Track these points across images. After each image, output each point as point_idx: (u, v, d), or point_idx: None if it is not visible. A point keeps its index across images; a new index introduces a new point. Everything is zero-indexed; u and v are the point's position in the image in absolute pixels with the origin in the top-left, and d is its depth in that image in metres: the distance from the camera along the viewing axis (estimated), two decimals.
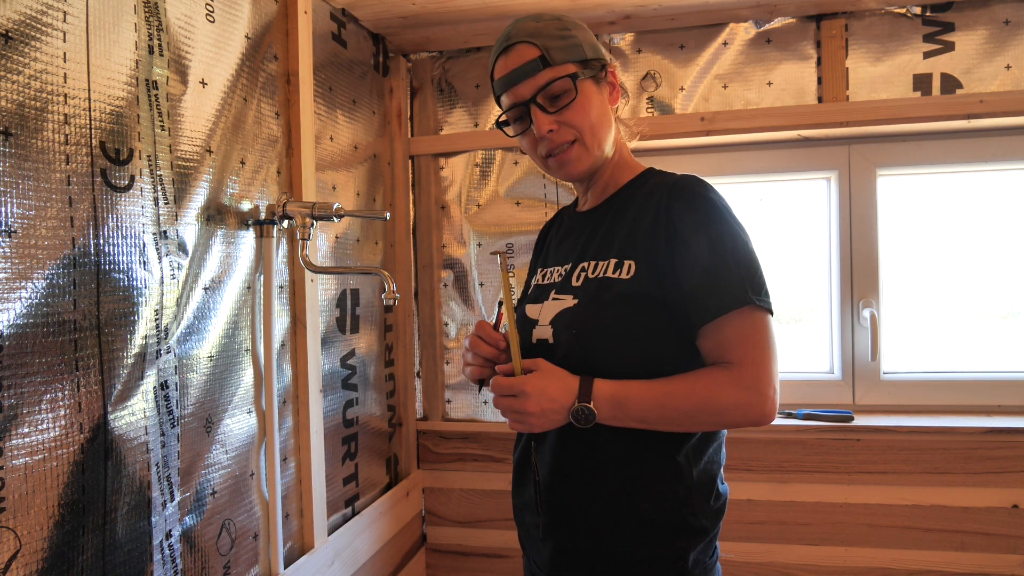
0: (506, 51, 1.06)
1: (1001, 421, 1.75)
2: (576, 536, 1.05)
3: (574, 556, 1.05)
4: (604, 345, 1.02)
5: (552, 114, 1.04)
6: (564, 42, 1.04)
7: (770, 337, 0.98)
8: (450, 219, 2.08)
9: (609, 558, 1.02)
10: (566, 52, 1.04)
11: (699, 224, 0.99)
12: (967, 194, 1.94)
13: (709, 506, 1.02)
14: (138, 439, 1.04)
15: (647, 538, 1.00)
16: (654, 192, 1.05)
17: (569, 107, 1.04)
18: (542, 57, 1.03)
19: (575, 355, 1.03)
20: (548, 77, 1.03)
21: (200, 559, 1.18)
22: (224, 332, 1.25)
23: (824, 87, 1.83)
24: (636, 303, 1.00)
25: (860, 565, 1.80)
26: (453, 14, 1.78)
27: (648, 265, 1.00)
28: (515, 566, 2.01)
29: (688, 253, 0.98)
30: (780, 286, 2.07)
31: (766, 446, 1.84)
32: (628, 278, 1.01)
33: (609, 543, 1.02)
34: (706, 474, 1.03)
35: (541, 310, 1.11)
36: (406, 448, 2.03)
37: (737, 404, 0.95)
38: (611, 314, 1.01)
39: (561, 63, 1.04)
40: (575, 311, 1.05)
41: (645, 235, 1.02)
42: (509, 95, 1.06)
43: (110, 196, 1.00)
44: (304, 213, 1.36)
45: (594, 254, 1.08)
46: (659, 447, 1.00)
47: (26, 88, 0.88)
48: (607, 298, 1.01)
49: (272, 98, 1.42)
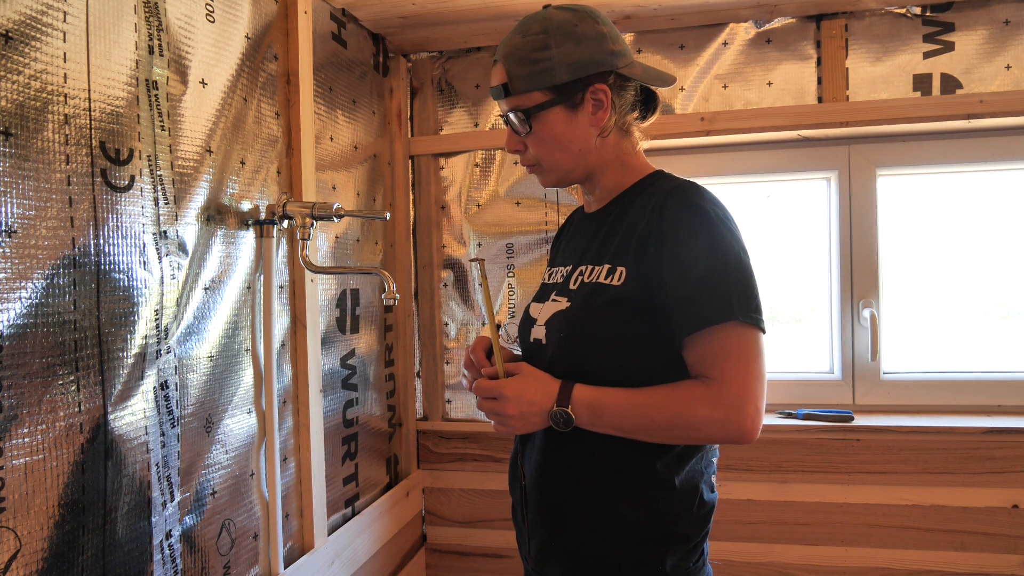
0: (495, 64, 1.09)
1: (1001, 421, 1.75)
2: (559, 535, 1.06)
3: (556, 554, 1.07)
4: (591, 349, 1.02)
5: (523, 136, 1.08)
6: (534, 67, 1.02)
7: (755, 354, 0.95)
8: (450, 219, 2.08)
9: (589, 559, 1.04)
10: (530, 80, 1.02)
11: (690, 234, 0.97)
12: (967, 194, 1.94)
13: (691, 513, 1.01)
14: (138, 439, 1.04)
15: (625, 542, 1.01)
16: (651, 198, 1.04)
17: (531, 135, 1.07)
18: (506, 85, 1.05)
19: (563, 357, 1.05)
20: (507, 107, 1.07)
21: (200, 559, 1.19)
22: (224, 332, 1.25)
23: (824, 87, 1.83)
24: (625, 309, 1.00)
25: (860, 565, 1.80)
26: (453, 14, 1.78)
27: (638, 272, 1.00)
28: (515, 566, 2.01)
29: (677, 263, 0.96)
30: (780, 286, 2.07)
31: (766, 446, 1.84)
32: (619, 284, 1.01)
33: (589, 544, 1.03)
34: (688, 482, 1.02)
35: (541, 310, 1.13)
36: (406, 448, 2.03)
37: (712, 421, 0.94)
38: (600, 319, 1.01)
39: (521, 92, 1.03)
40: (566, 314, 1.06)
41: (638, 242, 1.01)
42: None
43: (110, 196, 1.00)
44: (304, 213, 1.36)
45: (591, 258, 1.09)
46: (641, 454, 1.01)
47: (26, 88, 0.88)
48: (597, 303, 1.02)
49: (272, 98, 1.42)
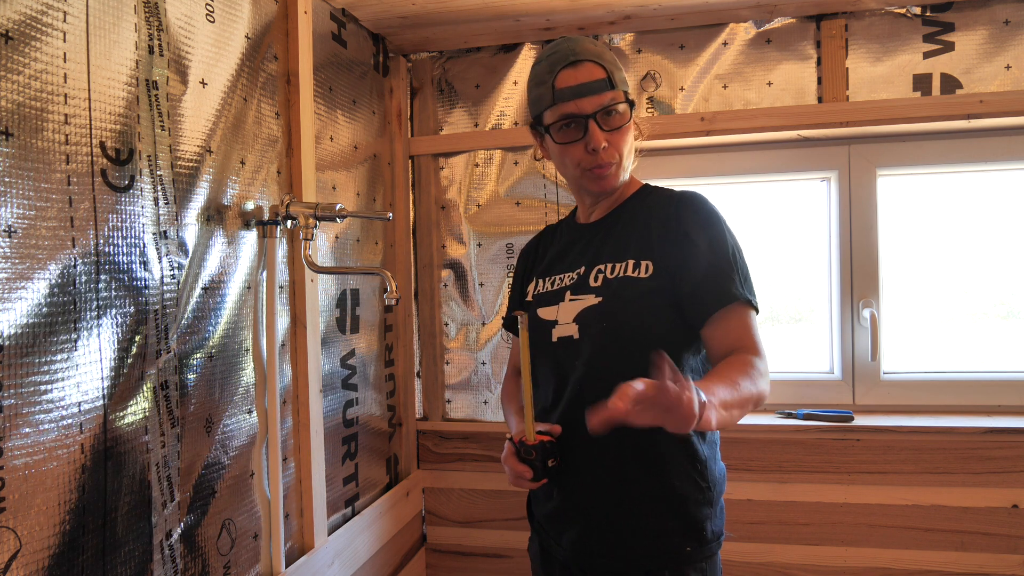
0: (574, 64, 1.13)
1: (1001, 421, 1.75)
2: (610, 515, 1.13)
3: (607, 532, 1.13)
4: (630, 335, 1.11)
5: (606, 132, 1.14)
6: (620, 72, 1.16)
7: None
8: (450, 219, 2.08)
9: (642, 529, 1.12)
10: (622, 82, 1.16)
11: (706, 229, 1.12)
12: (967, 194, 1.94)
13: (718, 480, 1.16)
14: (138, 439, 1.04)
15: (676, 511, 1.11)
16: (662, 203, 1.18)
17: (619, 130, 1.14)
18: (608, 79, 1.13)
19: (603, 348, 1.12)
20: (612, 97, 1.13)
21: (200, 559, 1.19)
22: (224, 332, 1.25)
23: (824, 87, 1.83)
24: (655, 299, 1.11)
25: (860, 565, 1.80)
26: (453, 14, 1.78)
27: (663, 265, 1.12)
28: (515, 566, 2.01)
29: (697, 252, 1.10)
30: (780, 286, 2.07)
31: (766, 446, 1.84)
32: (647, 276, 1.12)
33: (643, 515, 1.12)
34: (712, 457, 1.16)
35: (558, 311, 1.18)
36: (406, 448, 2.03)
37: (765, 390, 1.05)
38: (635, 308, 1.11)
39: (620, 88, 1.15)
40: (602, 308, 1.13)
41: (659, 239, 1.13)
42: (569, 106, 1.13)
43: (110, 196, 1.00)
44: (307, 214, 1.36)
45: (609, 257, 1.17)
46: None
47: (26, 88, 0.88)
48: (630, 295, 1.11)
49: (272, 98, 1.42)
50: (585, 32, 1.93)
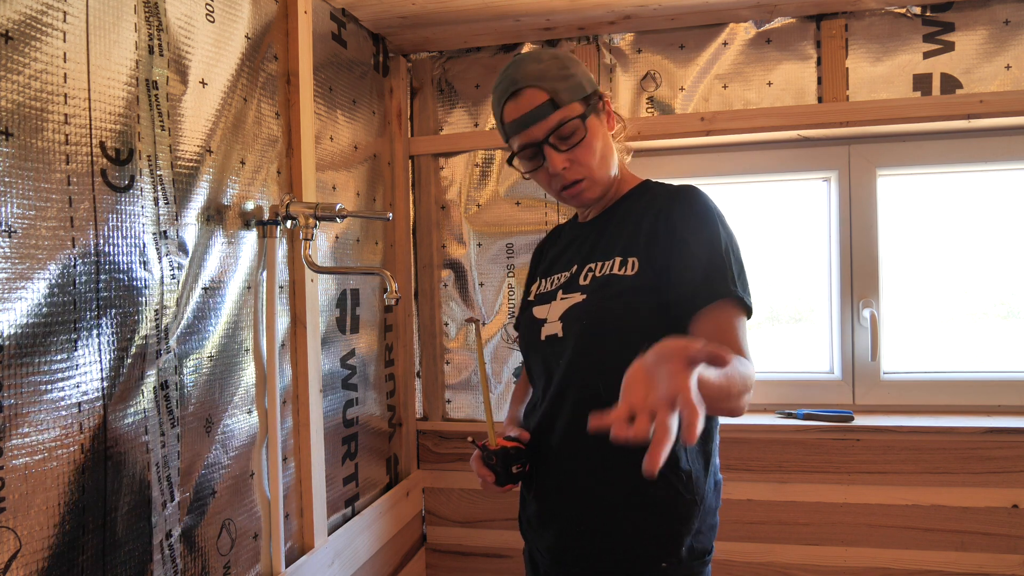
0: (514, 96, 1.10)
1: (1001, 421, 1.75)
2: (585, 519, 1.10)
3: (581, 537, 1.10)
4: (611, 334, 1.07)
5: (564, 152, 1.10)
6: (567, 82, 1.10)
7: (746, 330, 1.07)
8: (450, 219, 2.08)
9: (617, 535, 1.08)
10: (571, 92, 1.10)
11: (698, 225, 1.07)
12: (967, 194, 1.94)
13: (708, 483, 1.10)
14: (138, 439, 1.04)
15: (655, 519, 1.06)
16: (655, 199, 1.13)
17: (579, 145, 1.10)
18: (551, 101, 1.08)
19: (585, 346, 1.09)
20: (559, 119, 1.08)
21: (200, 559, 1.19)
22: (224, 332, 1.25)
23: (824, 87, 1.83)
24: (639, 296, 1.06)
25: (860, 565, 1.80)
26: (453, 14, 1.78)
27: (649, 262, 1.07)
28: (515, 566, 2.01)
29: (687, 249, 1.05)
30: (780, 286, 2.07)
31: (766, 446, 1.84)
32: (632, 274, 1.08)
33: (618, 520, 1.07)
34: (704, 456, 1.11)
35: (549, 310, 1.17)
36: (406, 448, 2.03)
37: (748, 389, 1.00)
38: (617, 306, 1.07)
39: (568, 103, 1.09)
40: (583, 305, 1.11)
41: (647, 235, 1.09)
42: (521, 137, 1.11)
43: (110, 196, 1.00)
44: (307, 214, 1.36)
45: (600, 255, 1.15)
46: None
47: (26, 88, 0.88)
48: (613, 292, 1.08)
49: (272, 98, 1.42)
50: (585, 32, 1.93)
